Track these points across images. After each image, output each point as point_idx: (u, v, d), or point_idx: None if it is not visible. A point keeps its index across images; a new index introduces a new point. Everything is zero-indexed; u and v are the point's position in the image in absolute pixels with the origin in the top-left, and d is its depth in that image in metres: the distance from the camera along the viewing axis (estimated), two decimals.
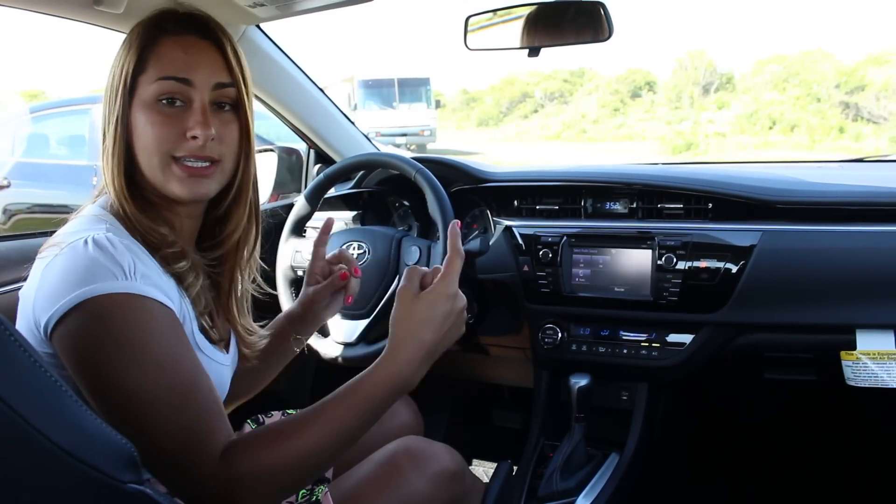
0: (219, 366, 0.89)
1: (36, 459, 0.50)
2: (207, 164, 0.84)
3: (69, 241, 0.75)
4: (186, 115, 0.83)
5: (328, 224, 1.15)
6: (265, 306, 1.12)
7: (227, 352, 0.93)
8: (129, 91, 0.83)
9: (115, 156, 0.83)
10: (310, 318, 1.13)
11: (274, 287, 1.47)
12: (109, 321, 0.70)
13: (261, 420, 1.17)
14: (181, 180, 0.83)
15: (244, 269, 0.96)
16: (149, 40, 0.83)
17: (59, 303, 0.70)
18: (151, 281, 0.75)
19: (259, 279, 1.03)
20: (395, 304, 0.81)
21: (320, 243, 1.13)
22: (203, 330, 0.86)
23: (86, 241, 0.74)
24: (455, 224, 0.86)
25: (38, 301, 0.73)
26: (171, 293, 0.79)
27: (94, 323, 0.70)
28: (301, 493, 1.02)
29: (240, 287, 0.97)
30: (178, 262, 0.83)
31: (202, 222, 0.93)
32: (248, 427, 1.12)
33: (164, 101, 0.82)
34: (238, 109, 0.87)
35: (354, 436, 0.77)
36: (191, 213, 0.90)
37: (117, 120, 0.83)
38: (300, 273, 1.52)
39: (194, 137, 0.82)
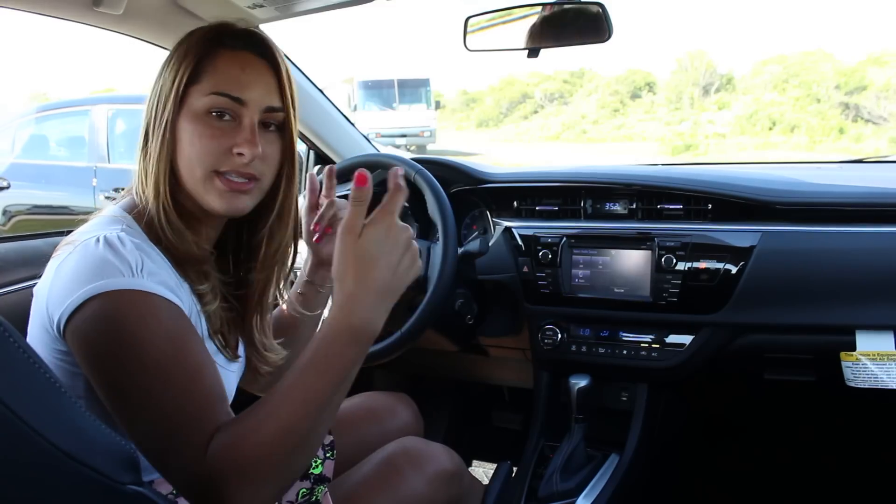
0: (227, 372, 0.90)
1: (35, 460, 0.50)
2: (247, 180, 0.85)
3: (82, 239, 0.77)
4: (235, 132, 0.83)
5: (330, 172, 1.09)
6: None
7: (236, 360, 0.93)
8: (180, 99, 0.83)
9: (160, 161, 0.83)
10: (324, 259, 1.08)
11: None
12: (114, 317, 0.71)
13: None
14: (220, 194, 0.84)
15: (278, 287, 0.98)
16: (205, 52, 0.83)
17: (69, 299, 0.72)
18: (159, 279, 0.76)
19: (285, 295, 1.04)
20: (335, 248, 0.73)
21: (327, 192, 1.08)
22: (211, 339, 0.87)
23: (97, 240, 0.75)
24: (396, 169, 0.75)
25: (50, 298, 0.75)
26: (181, 293, 0.80)
27: (101, 318, 0.71)
28: (301, 492, 1.02)
29: (268, 305, 0.98)
30: (200, 282, 0.85)
31: (240, 242, 0.95)
32: None
33: (213, 114, 0.83)
34: (283, 130, 0.88)
35: (330, 402, 0.72)
36: (217, 224, 0.91)
37: (165, 126, 0.83)
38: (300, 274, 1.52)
39: (240, 154, 0.82)
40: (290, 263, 0.98)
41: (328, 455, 1.11)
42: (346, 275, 0.72)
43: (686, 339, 1.37)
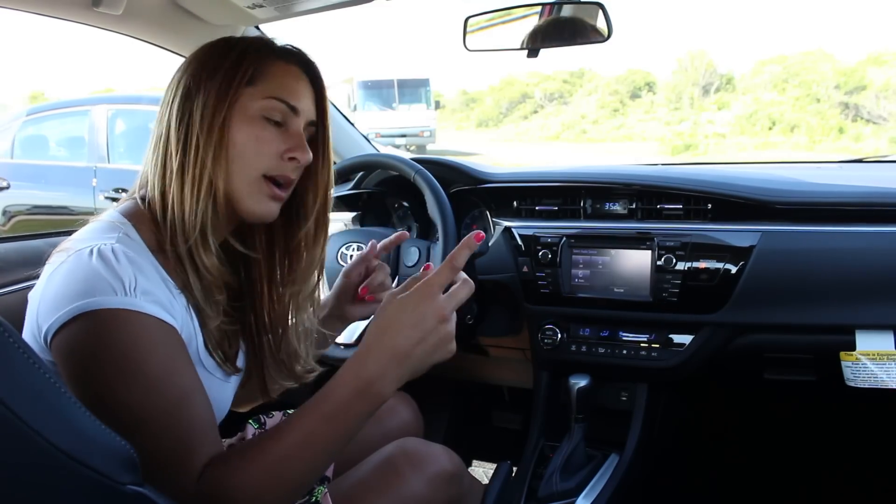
0: (223, 384, 0.90)
1: (35, 460, 0.50)
2: (287, 187, 0.87)
3: (76, 248, 0.75)
4: (285, 137, 0.86)
5: (402, 237, 1.17)
6: None
7: (237, 373, 0.93)
8: (232, 102, 0.83)
9: (217, 164, 0.81)
10: (337, 305, 1.13)
11: None
12: (103, 336, 0.70)
13: (262, 420, 1.17)
14: (262, 200, 0.85)
15: (299, 308, 0.97)
16: (260, 58, 0.85)
17: (58, 313, 0.71)
18: (153, 297, 0.75)
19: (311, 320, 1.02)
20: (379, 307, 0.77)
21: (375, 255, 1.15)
22: (210, 354, 0.86)
23: (91, 252, 0.73)
24: (472, 235, 0.80)
25: (41, 308, 0.74)
26: (175, 310, 0.78)
27: (89, 336, 0.70)
28: None
29: (288, 327, 0.97)
30: (206, 301, 0.84)
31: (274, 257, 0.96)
32: (251, 427, 1.12)
33: (266, 119, 0.84)
34: (314, 144, 0.90)
35: (330, 448, 0.73)
36: (221, 235, 0.90)
37: (221, 128, 0.81)
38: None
39: (292, 159, 0.85)
40: (313, 286, 0.97)
41: None
42: (371, 331, 0.75)
43: (686, 339, 1.37)
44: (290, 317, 0.97)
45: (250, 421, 1.14)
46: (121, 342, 0.70)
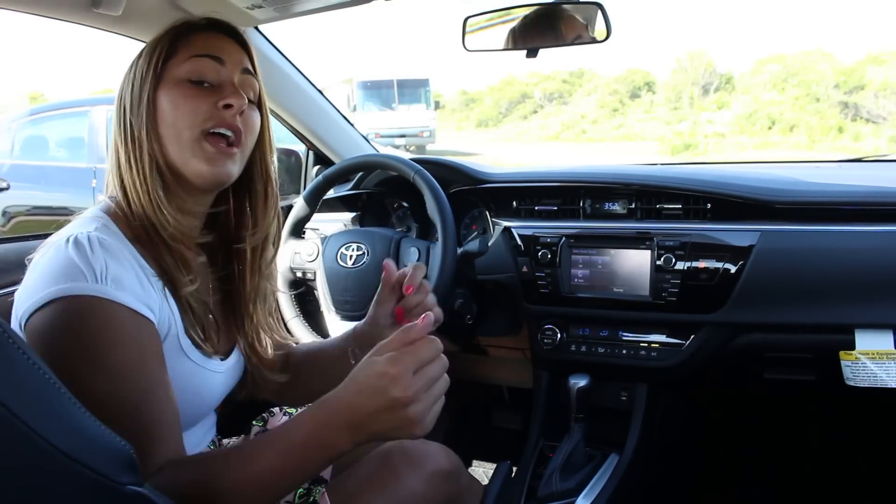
0: (210, 373, 0.89)
1: (35, 461, 0.50)
2: (233, 138, 0.86)
3: (55, 240, 0.77)
4: (218, 91, 0.86)
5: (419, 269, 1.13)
6: None
7: (226, 358, 0.92)
8: (158, 75, 0.85)
9: (151, 138, 0.84)
10: (374, 333, 1.06)
11: None
12: (72, 322, 0.71)
13: (265, 419, 1.17)
14: (208, 158, 0.85)
15: (264, 270, 0.98)
16: (180, 33, 0.87)
17: (32, 298, 0.72)
18: (124, 285, 0.75)
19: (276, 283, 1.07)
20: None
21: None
22: (188, 334, 0.86)
23: (67, 240, 0.75)
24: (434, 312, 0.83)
25: (19, 298, 0.76)
26: (151, 299, 0.79)
27: (59, 321, 0.71)
28: (299, 492, 1.02)
29: (259, 289, 0.98)
30: (178, 268, 0.84)
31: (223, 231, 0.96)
32: (255, 427, 1.12)
33: (193, 81, 0.85)
34: (259, 105, 0.93)
35: (278, 483, 0.71)
36: (200, 209, 0.92)
37: (147, 103, 0.84)
38: (299, 275, 1.52)
39: (227, 106, 0.85)
40: (274, 245, 1.00)
41: None
42: (345, 381, 0.73)
43: (685, 339, 1.37)
44: (252, 286, 0.97)
45: (254, 421, 1.14)
46: (89, 330, 0.71)
